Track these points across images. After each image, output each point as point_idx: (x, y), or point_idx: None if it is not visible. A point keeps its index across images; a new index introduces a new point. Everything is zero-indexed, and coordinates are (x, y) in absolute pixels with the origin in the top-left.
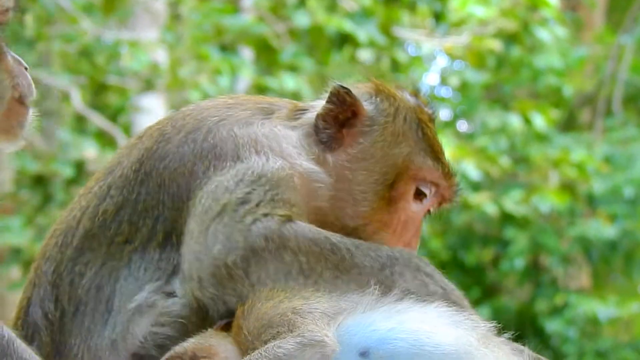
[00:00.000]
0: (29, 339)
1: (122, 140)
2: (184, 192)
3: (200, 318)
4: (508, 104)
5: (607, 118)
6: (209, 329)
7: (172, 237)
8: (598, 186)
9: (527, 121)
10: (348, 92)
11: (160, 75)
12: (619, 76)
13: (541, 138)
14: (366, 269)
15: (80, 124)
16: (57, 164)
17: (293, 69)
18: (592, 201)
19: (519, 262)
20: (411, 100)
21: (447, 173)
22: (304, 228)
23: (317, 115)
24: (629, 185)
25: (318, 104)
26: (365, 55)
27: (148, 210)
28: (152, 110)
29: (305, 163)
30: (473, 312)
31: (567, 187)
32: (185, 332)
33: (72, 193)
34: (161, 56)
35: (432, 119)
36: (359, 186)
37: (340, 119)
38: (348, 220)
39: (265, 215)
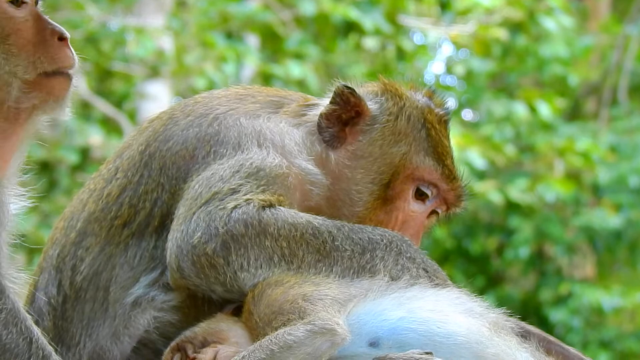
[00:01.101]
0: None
1: (127, 126)
2: (182, 175)
3: (200, 305)
4: (513, 93)
5: (613, 107)
6: (219, 313)
7: (167, 223)
8: (603, 175)
9: (533, 110)
10: (352, 92)
11: (165, 62)
12: (624, 65)
13: (546, 127)
14: (347, 253)
15: (85, 110)
16: (62, 150)
17: (298, 56)
18: (597, 190)
19: (524, 251)
20: (422, 100)
21: (449, 176)
22: (284, 213)
23: (321, 115)
24: (634, 175)
25: (324, 102)
26: (370, 43)
27: (148, 193)
28: (157, 97)
29: (303, 163)
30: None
31: (572, 176)
32: (188, 319)
33: (77, 179)
34: (167, 43)
35: (442, 121)
36: (356, 186)
37: (343, 118)
38: (344, 220)
39: (247, 200)
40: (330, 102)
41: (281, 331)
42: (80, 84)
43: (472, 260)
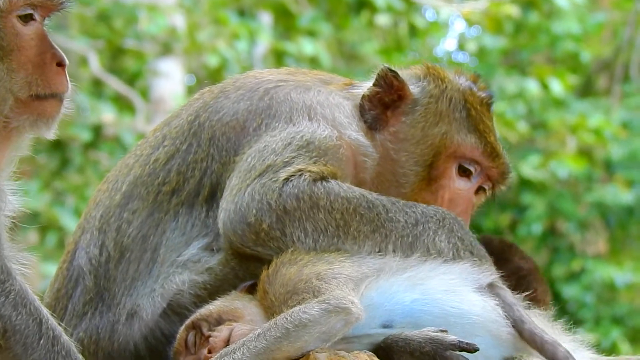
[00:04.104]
0: (72, 282)
1: (139, 104)
2: (233, 146)
3: (240, 273)
4: (525, 70)
5: (625, 84)
6: (234, 292)
7: (217, 194)
8: (615, 152)
9: (545, 87)
10: (396, 75)
11: (178, 40)
12: (636, 42)
13: (558, 103)
14: (400, 224)
15: (97, 88)
16: (75, 128)
17: (311, 33)
18: (609, 167)
19: (537, 228)
20: (464, 84)
21: (491, 153)
22: (336, 186)
23: (363, 97)
24: None
25: (367, 84)
26: (383, 20)
27: (197, 162)
28: (169, 75)
29: (354, 134)
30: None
31: (585, 153)
32: (222, 285)
33: (90, 157)
34: (179, 20)
35: (484, 103)
36: (401, 168)
37: (385, 101)
38: None
39: (299, 171)
40: (374, 85)
41: (296, 309)
42: (71, 106)
43: None
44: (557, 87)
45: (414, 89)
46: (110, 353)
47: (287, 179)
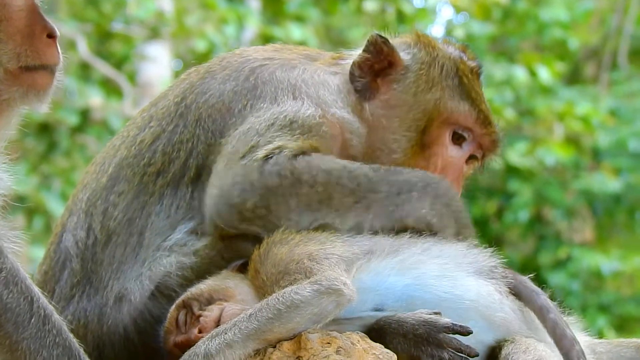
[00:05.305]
0: (60, 264)
1: (127, 88)
2: (218, 128)
3: (226, 254)
4: (513, 57)
5: (613, 71)
6: (225, 270)
7: (202, 175)
8: (603, 139)
9: (533, 74)
10: (385, 41)
11: (166, 24)
12: (624, 29)
13: (546, 91)
14: (382, 194)
15: (85, 71)
16: (62, 111)
17: (299, 19)
18: (596, 154)
19: (523, 215)
20: (454, 52)
21: (484, 120)
22: (317, 159)
23: (353, 63)
24: (633, 139)
25: (355, 53)
26: (370, 6)
27: (183, 142)
28: (157, 59)
29: (339, 112)
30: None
31: (572, 140)
32: (209, 267)
33: (77, 141)
34: (167, 4)
35: (475, 72)
36: (393, 134)
37: (375, 68)
38: None
39: (278, 148)
40: (363, 51)
41: (288, 290)
42: (63, 80)
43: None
44: (544, 74)
45: (404, 55)
46: (100, 336)
47: (266, 157)
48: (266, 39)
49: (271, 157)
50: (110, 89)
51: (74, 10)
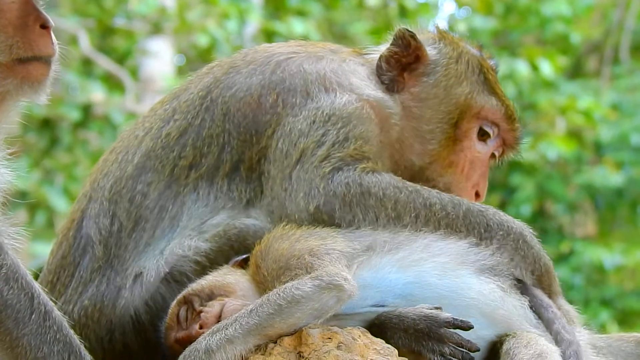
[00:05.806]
0: (80, 250)
1: (129, 83)
2: (251, 123)
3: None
4: (515, 51)
5: (615, 65)
6: (226, 266)
7: (239, 169)
8: (605, 133)
9: (535, 68)
10: (413, 36)
11: (167, 19)
12: (626, 24)
13: (548, 85)
14: (460, 234)
15: (87, 67)
16: (64, 107)
17: (301, 13)
18: (598, 148)
19: (525, 209)
20: (474, 50)
21: (511, 116)
22: (388, 176)
23: (380, 57)
24: (635, 133)
25: (382, 48)
26: (372, 0)
27: (213, 137)
28: (159, 54)
29: (373, 93)
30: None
31: (574, 134)
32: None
33: (79, 136)
34: (169, 0)
35: (494, 70)
36: (427, 125)
37: (402, 62)
38: (415, 159)
39: (347, 164)
40: (391, 45)
41: (289, 285)
42: (60, 71)
43: None
44: (546, 68)
45: (431, 50)
46: (112, 320)
47: (334, 170)
48: (268, 34)
49: (340, 170)
50: (112, 84)
51: (76, 6)
